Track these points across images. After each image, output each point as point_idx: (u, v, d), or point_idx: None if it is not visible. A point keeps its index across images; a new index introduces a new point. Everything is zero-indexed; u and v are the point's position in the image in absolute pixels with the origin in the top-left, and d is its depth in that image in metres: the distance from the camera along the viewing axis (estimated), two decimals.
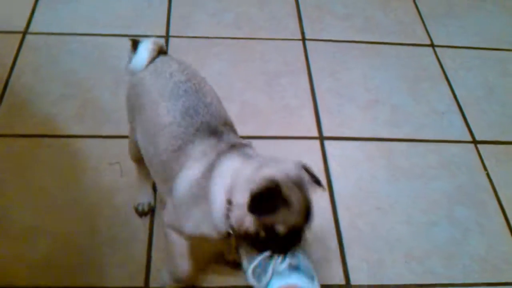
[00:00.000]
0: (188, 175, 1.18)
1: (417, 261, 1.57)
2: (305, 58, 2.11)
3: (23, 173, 1.62)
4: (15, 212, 1.54)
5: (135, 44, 1.37)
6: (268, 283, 1.22)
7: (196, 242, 1.31)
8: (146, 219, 1.55)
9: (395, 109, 1.98)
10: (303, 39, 2.19)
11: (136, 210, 1.57)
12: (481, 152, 1.88)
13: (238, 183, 1.11)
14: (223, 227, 1.15)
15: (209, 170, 1.16)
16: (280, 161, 1.15)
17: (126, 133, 1.73)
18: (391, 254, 1.58)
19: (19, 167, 1.64)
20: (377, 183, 1.75)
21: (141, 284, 1.43)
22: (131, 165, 1.59)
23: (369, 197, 1.71)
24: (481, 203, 1.74)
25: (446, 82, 2.12)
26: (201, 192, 1.16)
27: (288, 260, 1.20)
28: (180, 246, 1.29)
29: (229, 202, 1.12)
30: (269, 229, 1.12)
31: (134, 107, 1.35)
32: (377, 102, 2.00)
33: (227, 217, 1.13)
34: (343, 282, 1.50)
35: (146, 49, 1.35)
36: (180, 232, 1.25)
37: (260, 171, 1.10)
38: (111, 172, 1.65)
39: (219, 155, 1.17)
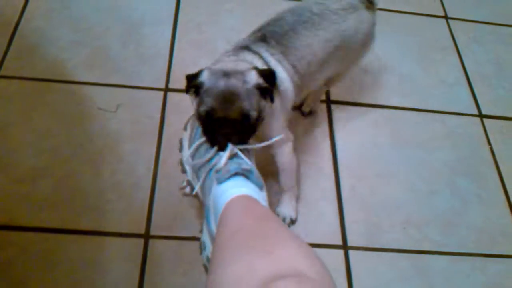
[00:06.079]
0: None
1: (414, 228, 1.59)
2: None
3: (29, 115, 1.63)
4: (20, 153, 1.55)
5: None
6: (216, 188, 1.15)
7: None
8: (150, 169, 1.56)
9: (403, 78, 1.97)
10: None
11: None
12: (486, 126, 1.88)
13: None
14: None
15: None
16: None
17: (134, 83, 1.75)
18: (390, 220, 1.59)
19: (26, 109, 1.64)
20: (380, 150, 1.76)
21: (142, 231, 1.45)
22: (137, 115, 1.58)
23: (372, 163, 1.72)
24: (483, 176, 1.75)
25: (457, 55, 2.10)
26: None
27: (234, 165, 1.15)
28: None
29: None
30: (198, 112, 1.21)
31: None
32: (385, 69, 1.99)
33: None
34: (340, 243, 1.52)
35: None
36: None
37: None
38: (118, 120, 1.65)
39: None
